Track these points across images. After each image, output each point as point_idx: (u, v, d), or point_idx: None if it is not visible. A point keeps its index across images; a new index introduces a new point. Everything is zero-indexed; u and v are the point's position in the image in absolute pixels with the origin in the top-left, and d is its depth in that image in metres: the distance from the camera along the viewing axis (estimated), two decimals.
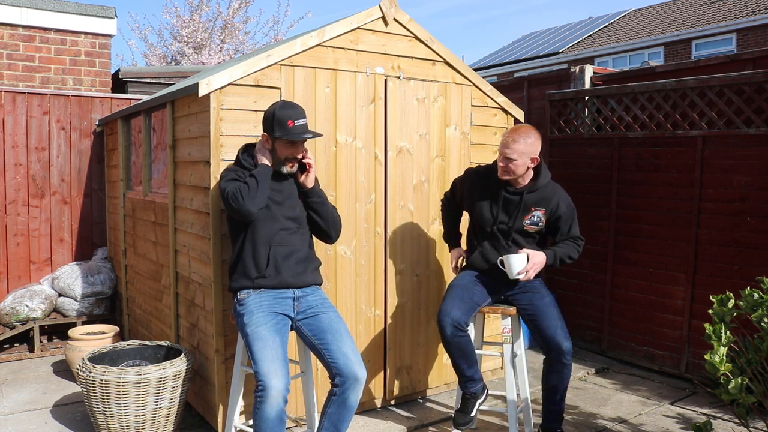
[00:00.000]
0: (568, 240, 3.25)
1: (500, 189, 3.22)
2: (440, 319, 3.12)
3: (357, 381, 2.72)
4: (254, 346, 2.68)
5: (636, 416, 3.83)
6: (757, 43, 14.45)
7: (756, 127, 4.01)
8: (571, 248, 3.23)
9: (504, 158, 3.10)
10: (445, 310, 3.12)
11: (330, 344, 2.77)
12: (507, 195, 3.21)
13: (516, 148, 3.05)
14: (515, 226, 3.20)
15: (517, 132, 3.10)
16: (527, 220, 3.20)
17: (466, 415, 3.22)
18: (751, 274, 3.92)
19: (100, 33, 6.38)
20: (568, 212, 3.23)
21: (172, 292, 3.83)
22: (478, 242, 3.33)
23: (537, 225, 3.21)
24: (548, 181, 3.23)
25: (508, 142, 3.07)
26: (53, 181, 5.51)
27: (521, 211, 3.19)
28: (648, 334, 4.66)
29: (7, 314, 4.91)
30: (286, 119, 2.80)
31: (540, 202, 3.20)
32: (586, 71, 5.41)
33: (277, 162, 2.87)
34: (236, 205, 2.71)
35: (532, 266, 3.09)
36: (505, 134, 3.13)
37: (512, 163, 3.08)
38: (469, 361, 3.16)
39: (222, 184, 2.80)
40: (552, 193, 3.21)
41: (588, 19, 21.78)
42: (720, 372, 2.46)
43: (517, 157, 3.06)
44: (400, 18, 3.69)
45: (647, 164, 4.63)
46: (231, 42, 15.87)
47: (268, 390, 2.55)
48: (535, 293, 3.23)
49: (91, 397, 3.19)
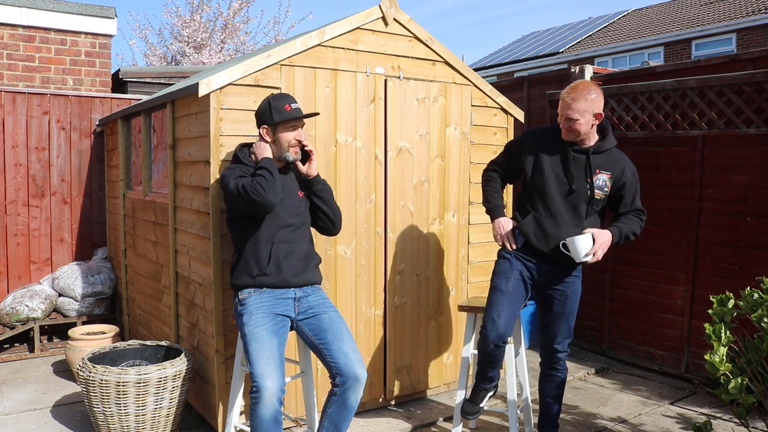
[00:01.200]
0: (632, 213, 3.03)
1: (567, 147, 2.98)
2: (487, 329, 2.95)
3: (357, 381, 2.72)
4: (251, 347, 2.68)
5: (636, 416, 3.83)
6: (757, 43, 14.45)
7: (756, 127, 4.01)
8: (635, 223, 3.01)
9: (566, 120, 2.90)
10: (493, 319, 2.95)
11: (331, 344, 2.77)
12: (574, 154, 2.97)
13: (577, 108, 2.85)
14: (581, 191, 2.96)
15: (576, 90, 2.89)
16: (594, 182, 2.96)
17: (475, 405, 3.19)
18: (751, 274, 3.92)
19: (100, 33, 6.38)
20: (634, 181, 3.01)
21: (172, 292, 3.83)
22: (533, 209, 3.05)
23: (602, 190, 2.97)
24: (615, 145, 3.02)
25: (568, 102, 2.87)
26: (53, 181, 5.52)
27: (587, 173, 2.96)
28: (648, 334, 4.66)
29: (7, 314, 4.91)
30: (282, 104, 2.85)
31: (606, 166, 2.98)
32: (586, 71, 5.41)
33: (280, 152, 2.88)
34: (258, 197, 2.65)
35: (600, 246, 2.87)
36: (563, 94, 2.92)
37: (576, 123, 2.87)
38: (496, 367, 3.11)
39: (229, 182, 2.76)
40: (618, 157, 3.01)
41: (588, 19, 21.78)
42: (720, 372, 2.46)
43: (579, 116, 2.86)
44: (400, 18, 3.69)
45: (647, 164, 4.63)
46: (231, 42, 15.88)
47: (261, 391, 2.56)
48: (567, 294, 3.07)
49: (91, 397, 3.19)
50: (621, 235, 2.97)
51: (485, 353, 3.01)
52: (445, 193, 4.00)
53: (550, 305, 3.12)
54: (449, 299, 4.09)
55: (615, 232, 2.95)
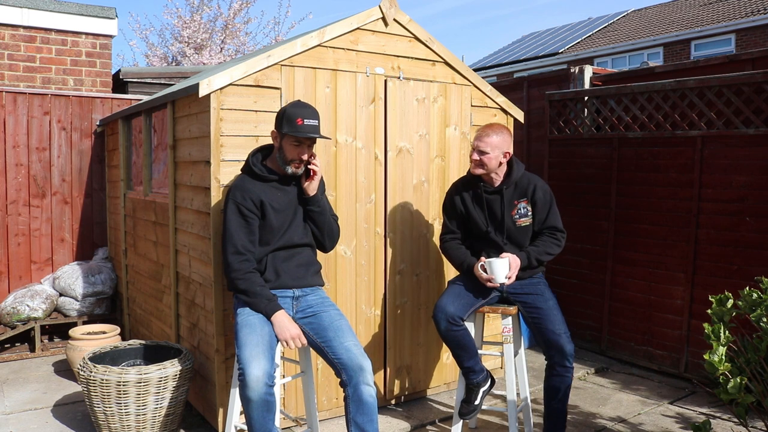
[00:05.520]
0: (546, 232, 3.27)
1: (480, 191, 3.27)
2: (435, 314, 3.18)
3: (362, 370, 2.67)
4: (241, 332, 2.69)
5: (635, 416, 3.84)
6: (756, 44, 14.45)
7: (755, 127, 4.01)
8: (548, 244, 3.24)
9: (477, 151, 3.17)
10: (440, 305, 3.17)
11: (332, 341, 2.76)
12: (487, 195, 3.26)
13: (489, 141, 3.14)
14: (506, 224, 3.24)
15: (490, 127, 3.21)
16: (515, 214, 3.24)
17: (470, 404, 3.24)
18: (751, 273, 3.93)
19: (100, 33, 6.39)
20: (544, 198, 3.25)
21: (173, 292, 3.83)
22: (477, 250, 3.33)
23: (527, 216, 3.25)
24: (523, 172, 3.29)
25: (482, 136, 3.17)
26: (54, 181, 5.52)
27: (506, 208, 3.24)
28: (647, 334, 4.67)
29: (8, 314, 4.91)
30: (295, 117, 2.74)
31: (520, 194, 3.25)
32: (585, 71, 5.42)
33: (282, 162, 2.85)
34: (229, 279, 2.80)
35: (514, 271, 3.12)
36: (478, 130, 3.24)
37: (485, 156, 3.15)
38: (468, 352, 3.18)
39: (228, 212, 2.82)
40: (527, 181, 3.27)
41: (588, 19, 21.79)
42: (719, 372, 2.47)
43: (489, 150, 3.14)
44: (400, 18, 3.70)
45: (647, 164, 4.64)
46: (232, 43, 15.89)
47: (245, 375, 2.56)
48: (539, 295, 3.23)
49: (91, 397, 3.20)
50: (531, 259, 3.19)
51: (443, 336, 3.18)
52: (445, 193, 4.00)
53: (532, 304, 3.22)
54: None
55: (523, 257, 3.17)
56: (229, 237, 2.79)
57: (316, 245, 3.04)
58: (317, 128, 2.78)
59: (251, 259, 2.80)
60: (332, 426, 3.58)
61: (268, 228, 2.84)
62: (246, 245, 2.79)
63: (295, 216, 2.91)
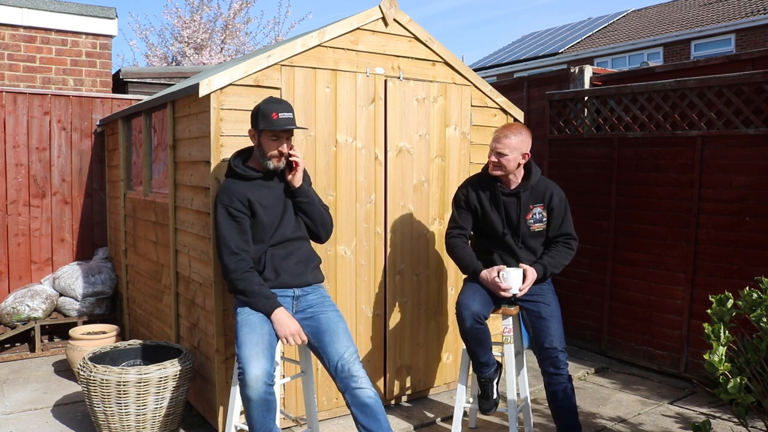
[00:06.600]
0: (560, 239, 3.27)
1: (497, 192, 3.24)
2: (460, 312, 3.11)
3: (353, 377, 2.67)
4: (240, 332, 2.70)
5: (635, 416, 3.84)
6: (756, 44, 14.45)
7: (755, 127, 4.02)
8: (562, 254, 3.24)
9: (495, 153, 3.14)
10: (465, 302, 3.11)
11: (327, 346, 2.77)
12: (504, 198, 3.23)
13: (507, 143, 3.11)
14: (521, 228, 3.22)
15: (509, 128, 3.17)
16: (530, 219, 3.23)
17: (488, 399, 3.28)
18: (751, 273, 3.93)
19: (100, 33, 6.39)
20: (560, 205, 3.25)
21: (173, 292, 3.84)
22: (488, 252, 3.30)
23: (542, 222, 3.24)
24: (540, 177, 3.27)
25: (500, 138, 3.13)
26: (54, 181, 5.52)
27: (522, 212, 3.22)
28: (647, 334, 4.67)
29: (8, 314, 4.91)
30: (270, 112, 2.77)
31: (537, 198, 3.24)
32: (585, 71, 5.42)
33: (262, 158, 2.85)
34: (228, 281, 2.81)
35: (528, 284, 3.13)
36: (496, 131, 3.20)
37: (504, 158, 3.12)
38: (485, 348, 3.19)
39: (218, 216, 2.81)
40: (545, 185, 3.25)
41: (588, 19, 21.79)
42: (719, 372, 2.47)
43: (508, 152, 3.11)
44: (399, 18, 3.70)
45: (646, 164, 4.64)
46: (232, 43, 15.89)
47: (245, 375, 2.57)
48: (545, 304, 3.21)
49: (92, 397, 3.20)
50: (546, 272, 3.20)
51: (466, 333, 3.13)
52: (445, 193, 4.00)
53: (535, 308, 3.21)
54: (449, 299, 4.10)
55: (539, 270, 3.18)
56: (222, 240, 2.79)
57: (311, 237, 3.04)
58: (293, 120, 2.81)
59: (247, 258, 2.80)
60: (332, 426, 3.58)
61: (260, 225, 2.84)
62: (240, 245, 2.79)
63: (285, 210, 2.91)
